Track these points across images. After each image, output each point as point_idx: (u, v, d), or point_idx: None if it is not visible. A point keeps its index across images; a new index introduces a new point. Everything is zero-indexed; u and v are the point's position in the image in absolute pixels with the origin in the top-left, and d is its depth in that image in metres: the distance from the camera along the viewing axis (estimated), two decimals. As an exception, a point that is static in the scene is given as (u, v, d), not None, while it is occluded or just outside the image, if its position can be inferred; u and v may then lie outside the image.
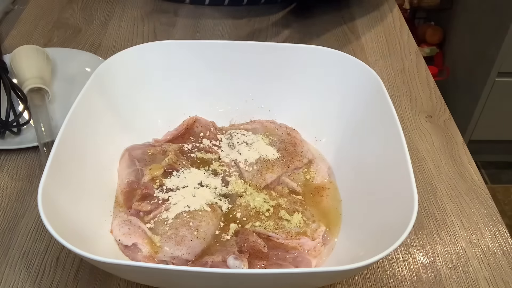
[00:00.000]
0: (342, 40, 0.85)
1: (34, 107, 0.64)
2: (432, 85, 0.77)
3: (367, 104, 0.57)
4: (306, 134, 0.63)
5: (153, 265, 0.42)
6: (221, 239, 0.51)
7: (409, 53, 0.83)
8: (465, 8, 1.77)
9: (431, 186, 0.62)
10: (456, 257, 0.55)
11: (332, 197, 0.57)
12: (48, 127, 0.62)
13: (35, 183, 0.60)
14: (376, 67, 0.80)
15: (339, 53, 0.61)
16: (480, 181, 0.63)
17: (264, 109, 0.65)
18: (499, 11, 1.50)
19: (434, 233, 0.57)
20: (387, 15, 0.91)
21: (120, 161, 0.58)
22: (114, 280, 0.51)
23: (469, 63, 1.71)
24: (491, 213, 0.59)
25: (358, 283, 0.52)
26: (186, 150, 0.60)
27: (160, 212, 0.52)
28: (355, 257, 0.47)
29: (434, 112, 0.72)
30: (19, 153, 0.64)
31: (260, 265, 0.48)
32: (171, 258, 0.48)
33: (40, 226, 0.56)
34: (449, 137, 0.68)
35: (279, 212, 0.53)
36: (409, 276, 0.53)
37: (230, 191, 0.55)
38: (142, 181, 0.55)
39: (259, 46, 0.62)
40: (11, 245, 0.54)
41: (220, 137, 0.62)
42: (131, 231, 0.50)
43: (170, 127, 0.63)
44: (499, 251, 0.55)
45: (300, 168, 0.59)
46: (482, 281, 0.52)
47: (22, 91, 0.66)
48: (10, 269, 0.52)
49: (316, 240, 0.51)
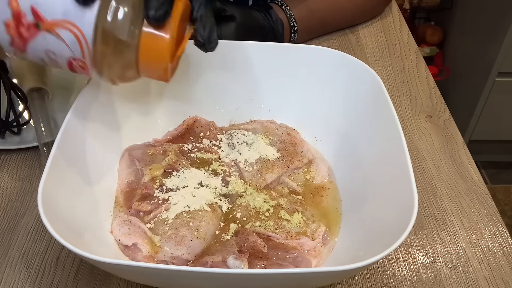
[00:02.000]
0: (342, 40, 0.85)
1: (34, 107, 0.64)
2: (432, 85, 0.77)
3: (367, 104, 0.57)
4: (306, 134, 0.63)
5: (153, 265, 0.42)
6: (221, 239, 0.51)
7: (409, 53, 0.83)
8: (465, 8, 1.77)
9: (431, 186, 0.62)
10: (456, 257, 0.55)
11: (332, 197, 0.57)
12: (48, 127, 0.62)
13: (35, 183, 0.60)
14: (376, 67, 0.80)
15: (339, 53, 0.61)
16: (480, 181, 0.63)
17: (264, 109, 0.65)
18: (499, 11, 1.50)
19: (434, 233, 0.57)
20: (387, 15, 0.91)
21: (120, 161, 0.58)
22: (114, 280, 0.51)
23: (469, 63, 1.71)
24: (491, 213, 0.59)
25: (358, 283, 0.52)
26: (186, 150, 0.60)
27: (160, 212, 0.52)
28: (355, 257, 0.47)
29: (434, 112, 0.72)
30: (19, 153, 0.64)
31: (260, 265, 0.48)
32: (171, 258, 0.48)
33: (40, 226, 0.56)
34: (449, 137, 0.68)
35: (279, 212, 0.53)
36: (409, 276, 0.53)
37: (230, 191, 0.55)
38: (142, 181, 0.55)
39: (259, 46, 0.62)
40: (11, 245, 0.54)
41: (220, 137, 0.62)
42: (131, 231, 0.50)
43: (170, 127, 0.63)
44: (499, 251, 0.55)
45: (300, 168, 0.59)
46: (482, 281, 0.52)
47: (22, 91, 0.66)
48: (10, 269, 0.52)
49: (316, 240, 0.51)
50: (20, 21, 0.42)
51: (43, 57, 0.44)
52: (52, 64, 0.45)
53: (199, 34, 0.48)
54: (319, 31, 0.84)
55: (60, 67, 0.46)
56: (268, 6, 0.77)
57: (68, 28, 0.42)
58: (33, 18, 0.42)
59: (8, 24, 0.42)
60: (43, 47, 0.43)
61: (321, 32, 0.85)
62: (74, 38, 0.42)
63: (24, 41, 0.43)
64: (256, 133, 0.61)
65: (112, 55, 0.44)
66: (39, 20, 0.42)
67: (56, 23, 0.42)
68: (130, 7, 0.43)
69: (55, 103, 0.70)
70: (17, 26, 0.42)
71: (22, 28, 0.42)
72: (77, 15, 0.42)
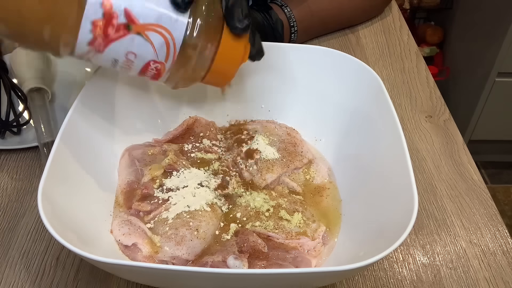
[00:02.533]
0: (342, 40, 0.85)
1: (34, 107, 0.64)
2: (432, 85, 0.77)
3: (367, 104, 0.57)
4: (306, 134, 0.63)
5: (153, 265, 0.42)
6: (221, 239, 0.51)
7: (409, 53, 0.83)
8: (465, 8, 1.77)
9: (431, 186, 0.62)
10: (456, 257, 0.55)
11: (332, 197, 0.57)
12: (48, 127, 0.62)
13: (35, 183, 0.60)
14: (376, 67, 0.80)
15: (339, 53, 0.61)
16: (480, 181, 0.63)
17: (264, 109, 0.65)
18: (499, 11, 1.50)
19: (434, 233, 0.57)
20: (387, 15, 0.91)
21: (120, 161, 0.58)
22: (114, 280, 0.51)
23: (469, 63, 1.71)
24: (491, 213, 0.59)
25: (358, 283, 0.52)
26: (186, 150, 0.60)
27: (160, 212, 0.52)
28: (355, 257, 0.47)
29: (434, 112, 0.72)
30: (19, 153, 0.64)
31: (260, 265, 0.47)
32: (171, 258, 0.48)
33: (40, 226, 0.56)
34: (449, 137, 0.68)
35: (279, 212, 0.53)
36: (409, 276, 0.53)
37: (230, 191, 0.55)
38: (142, 181, 0.55)
39: (259, 46, 0.62)
40: (11, 245, 0.54)
41: (220, 137, 0.62)
42: (131, 231, 0.50)
43: (170, 127, 0.63)
44: (499, 251, 0.55)
45: (300, 168, 0.59)
46: (482, 281, 0.52)
47: (22, 91, 0.66)
48: (10, 269, 0.52)
49: (316, 240, 0.51)
50: (111, 22, 0.42)
51: (119, 59, 0.45)
52: (125, 66, 0.46)
53: (251, 46, 0.51)
54: (319, 31, 0.84)
55: (130, 69, 0.47)
56: (268, 6, 0.77)
57: (159, 32, 0.44)
58: (125, 20, 0.42)
59: (96, 23, 0.42)
60: (126, 49, 0.44)
61: (321, 32, 0.85)
62: (163, 42, 0.44)
63: (108, 42, 0.43)
64: (256, 133, 0.61)
65: (194, 60, 0.46)
66: (132, 22, 0.43)
67: (148, 26, 0.43)
68: (215, 16, 0.46)
69: (55, 103, 0.70)
70: (105, 27, 0.42)
71: (111, 29, 0.43)
72: (170, 20, 0.44)
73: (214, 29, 0.46)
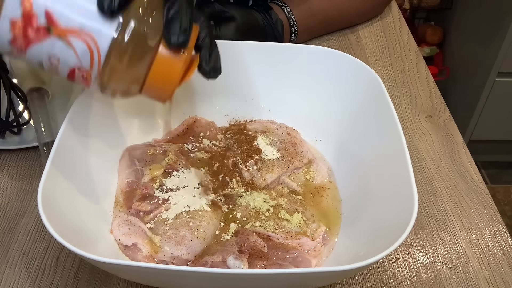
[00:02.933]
0: (342, 40, 0.85)
1: (34, 107, 0.64)
2: (432, 85, 0.77)
3: (367, 104, 0.57)
4: (306, 134, 0.63)
5: (153, 265, 0.43)
6: (221, 239, 0.51)
7: (409, 53, 0.83)
8: (465, 8, 1.77)
9: (431, 186, 0.62)
10: (456, 257, 0.55)
11: (332, 197, 0.57)
12: (48, 127, 0.62)
13: (35, 183, 0.60)
14: (376, 67, 0.80)
15: (339, 53, 0.61)
16: (480, 181, 0.63)
17: (264, 109, 0.65)
18: (499, 11, 1.50)
19: (434, 233, 0.57)
20: (387, 15, 0.91)
21: (120, 161, 0.58)
22: (114, 280, 0.51)
23: (469, 63, 1.71)
24: (491, 213, 0.59)
25: (358, 283, 0.52)
26: (186, 150, 0.60)
27: (160, 212, 0.52)
28: (355, 257, 0.47)
29: (434, 112, 0.72)
30: (19, 153, 0.64)
31: (260, 265, 0.48)
32: (171, 258, 0.48)
33: (40, 226, 0.56)
34: (449, 137, 0.68)
35: (279, 212, 0.53)
36: (409, 276, 0.53)
37: (230, 191, 0.55)
38: (142, 181, 0.55)
39: (259, 46, 0.62)
40: (11, 245, 0.54)
41: (220, 137, 0.62)
42: (131, 231, 0.50)
43: (170, 127, 0.63)
44: (499, 251, 0.55)
45: (300, 168, 0.59)
46: (482, 281, 0.52)
47: (22, 91, 0.66)
48: (10, 269, 0.52)
49: (316, 240, 0.51)
50: (30, 22, 0.41)
51: (43, 61, 0.43)
52: (50, 69, 0.44)
53: (204, 62, 0.47)
54: (319, 31, 0.84)
55: (58, 73, 0.45)
56: (268, 6, 0.77)
57: (82, 38, 0.41)
58: (45, 22, 0.41)
59: (14, 22, 0.41)
60: (48, 52, 0.42)
61: (321, 33, 0.85)
62: (86, 49, 0.42)
63: (28, 43, 0.42)
64: (256, 133, 0.61)
65: (122, 71, 0.43)
66: (52, 25, 0.41)
67: (70, 30, 0.41)
68: (149, 27, 0.42)
69: (55, 103, 0.69)
70: (24, 27, 0.41)
71: (30, 30, 0.41)
72: (95, 27, 0.41)
73: (147, 41, 0.42)
